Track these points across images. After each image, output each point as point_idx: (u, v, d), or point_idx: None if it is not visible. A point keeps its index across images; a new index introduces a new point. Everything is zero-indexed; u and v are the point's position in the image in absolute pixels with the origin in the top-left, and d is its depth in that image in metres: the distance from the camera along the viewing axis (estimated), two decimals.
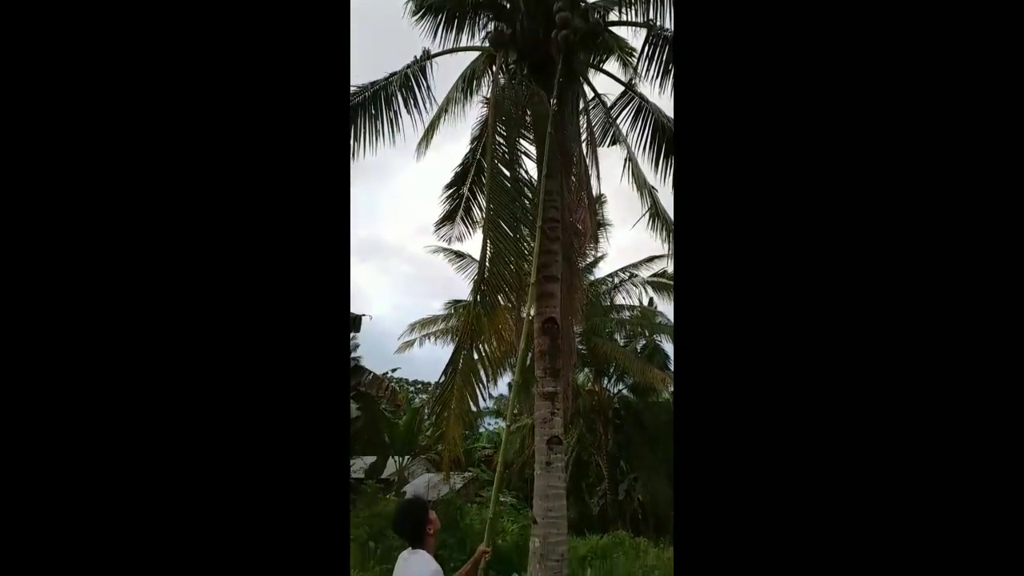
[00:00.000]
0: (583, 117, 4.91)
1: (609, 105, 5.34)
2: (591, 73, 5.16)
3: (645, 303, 12.41)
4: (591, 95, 5.26)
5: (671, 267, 10.34)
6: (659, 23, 4.55)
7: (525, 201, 4.00)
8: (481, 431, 14.83)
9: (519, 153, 4.09)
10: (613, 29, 4.90)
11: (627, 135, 5.28)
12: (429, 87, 4.73)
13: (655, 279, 11.71)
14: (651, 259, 11.36)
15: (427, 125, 5.25)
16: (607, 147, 5.45)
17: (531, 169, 4.14)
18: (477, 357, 3.96)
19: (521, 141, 4.14)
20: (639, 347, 12.77)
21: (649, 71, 4.66)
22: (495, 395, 12.78)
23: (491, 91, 4.58)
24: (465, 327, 4.07)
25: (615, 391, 12.78)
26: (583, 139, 4.85)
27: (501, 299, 3.90)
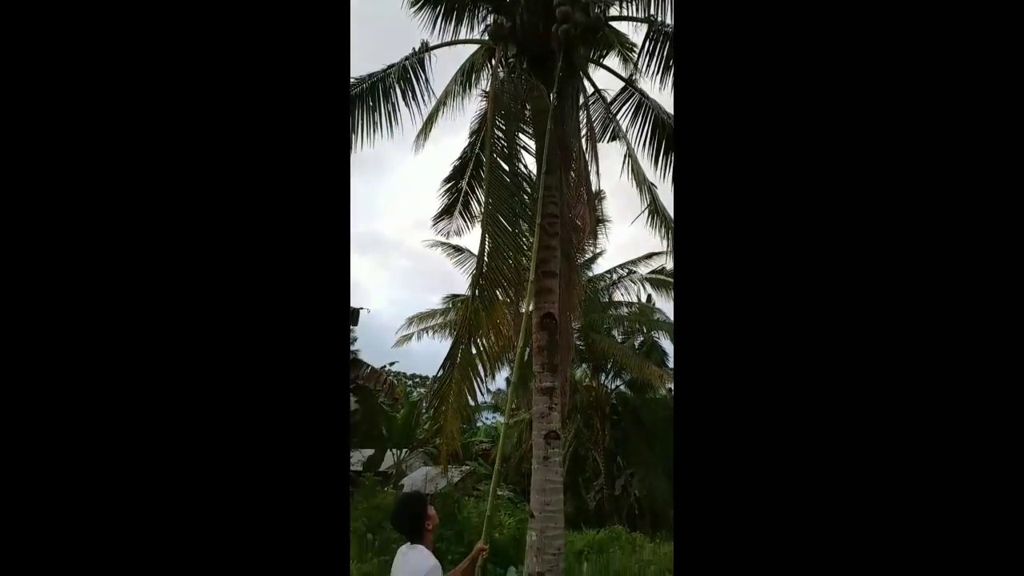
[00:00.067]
0: (583, 112, 4.89)
1: (609, 100, 5.32)
2: (591, 68, 5.14)
3: (643, 300, 12.42)
4: (591, 90, 5.24)
5: (670, 264, 10.35)
6: (660, 19, 4.53)
7: (524, 196, 3.99)
8: (479, 425, 14.88)
9: (518, 147, 4.08)
10: (614, 24, 4.88)
11: (627, 131, 5.27)
12: (428, 80, 4.71)
13: (654, 276, 11.71)
14: (650, 256, 11.37)
15: (425, 118, 5.23)
16: (607, 143, 5.44)
17: (530, 164, 4.13)
18: (475, 352, 3.96)
19: (520, 135, 4.12)
20: (637, 343, 12.79)
21: (650, 67, 4.64)
22: (493, 389, 12.82)
23: (490, 85, 4.55)
24: (463, 321, 4.07)
25: (612, 387, 12.82)
26: (583, 134, 4.83)
27: (499, 294, 3.90)
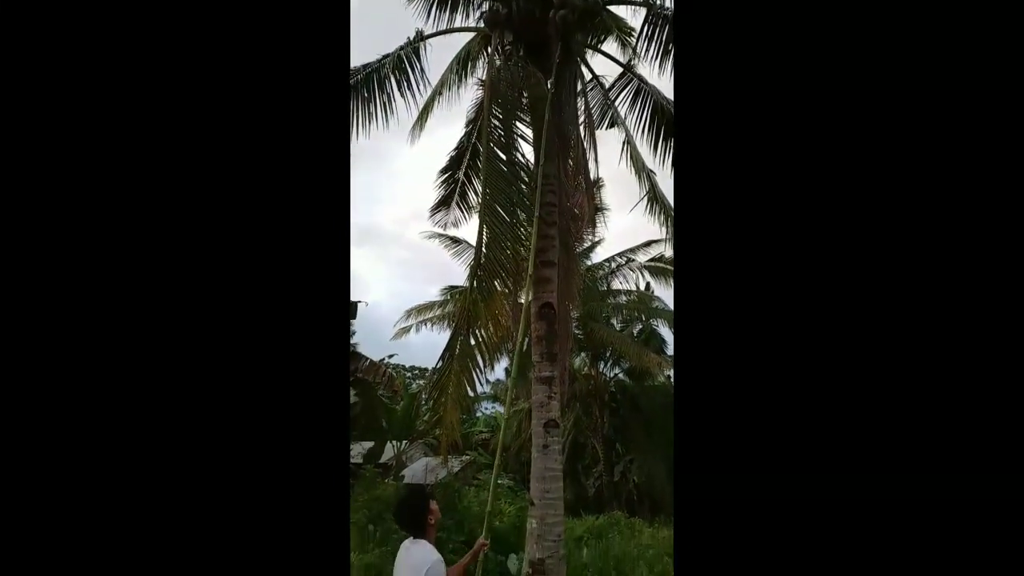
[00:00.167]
0: (581, 99, 4.84)
1: (607, 87, 5.26)
2: (589, 54, 5.07)
3: (642, 288, 12.43)
4: (589, 76, 5.18)
5: (669, 251, 10.34)
6: (659, 2, 4.46)
7: (522, 185, 3.96)
8: (478, 415, 14.96)
9: (515, 136, 4.03)
10: (611, 8, 4.81)
11: (625, 117, 5.22)
12: (423, 69, 4.65)
13: (652, 264, 11.71)
14: (648, 243, 11.35)
15: (421, 108, 5.17)
16: (605, 130, 5.39)
17: (528, 153, 4.09)
18: (474, 342, 3.96)
19: (517, 124, 4.08)
20: (636, 331, 12.84)
21: (648, 52, 4.58)
22: (492, 380, 12.88)
23: (486, 73, 4.49)
24: (462, 313, 4.06)
25: (611, 375, 12.88)
26: (581, 122, 4.79)
27: (498, 284, 3.89)
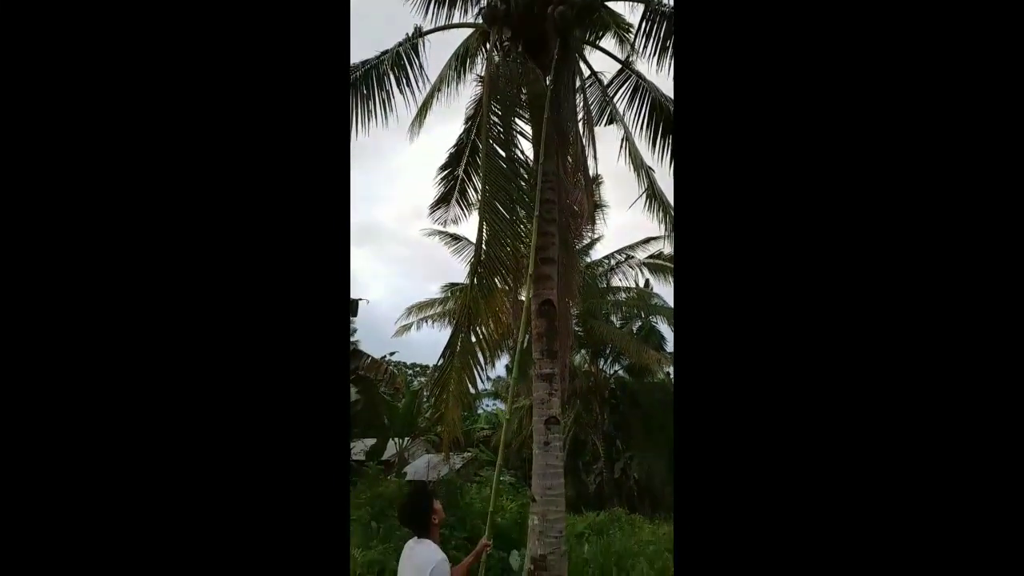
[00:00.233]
0: (579, 96, 4.83)
1: (606, 83, 5.26)
2: (587, 50, 5.06)
3: (641, 284, 12.45)
4: (587, 73, 5.17)
5: (668, 248, 10.34)
6: None
7: (521, 182, 3.96)
8: (479, 412, 14.98)
9: (514, 133, 4.03)
10: (609, 4, 4.80)
11: (624, 114, 5.21)
12: (422, 66, 4.63)
13: (651, 260, 11.71)
14: (647, 240, 11.35)
15: (420, 105, 5.16)
16: (604, 126, 5.39)
17: (527, 149, 4.09)
18: (475, 339, 3.97)
19: (516, 121, 4.07)
20: (635, 328, 12.85)
21: (646, 48, 4.57)
22: (493, 377, 12.89)
23: (485, 69, 4.49)
24: (462, 310, 4.07)
25: (611, 372, 12.90)
26: (579, 118, 4.78)
27: (498, 281, 3.89)
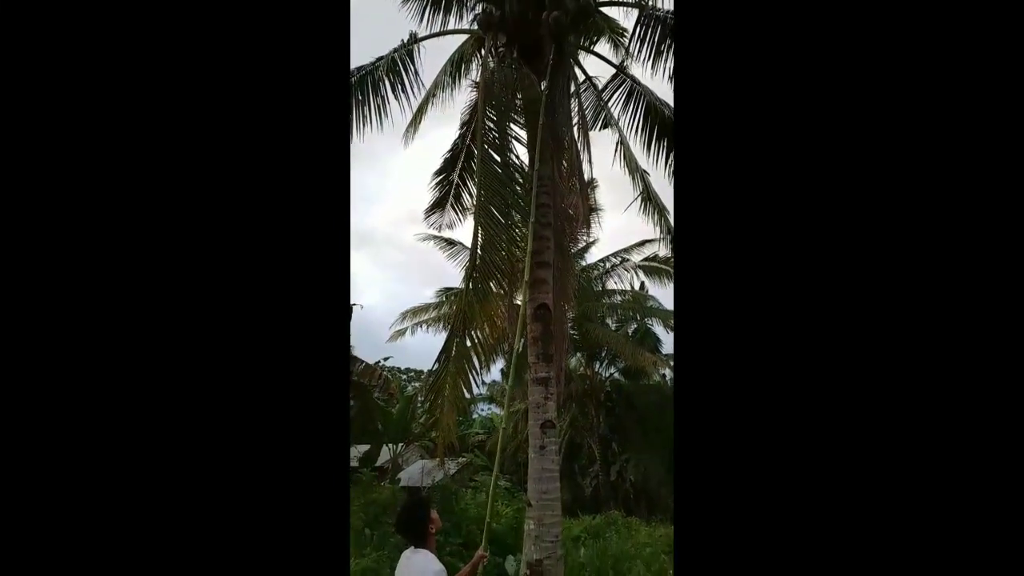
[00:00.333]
0: (574, 100, 4.85)
1: (600, 88, 5.28)
2: (582, 55, 5.09)
3: (636, 287, 12.48)
4: (582, 78, 5.20)
5: (663, 251, 10.38)
6: (650, 3, 4.48)
7: (516, 187, 3.97)
8: (474, 417, 14.94)
9: (510, 138, 4.04)
10: (603, 10, 4.83)
11: (619, 118, 5.24)
12: (417, 72, 4.64)
13: (646, 263, 11.76)
14: (643, 243, 11.40)
15: (415, 110, 5.17)
16: (599, 130, 5.41)
17: (522, 154, 4.10)
18: (470, 344, 3.96)
19: (511, 126, 4.08)
20: (630, 331, 12.87)
21: (641, 52, 4.60)
22: (488, 381, 12.86)
23: (480, 75, 4.50)
24: (458, 314, 4.06)
25: (607, 375, 12.91)
26: (574, 123, 4.80)
27: (493, 286, 3.89)
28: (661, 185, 5.46)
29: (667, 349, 12.54)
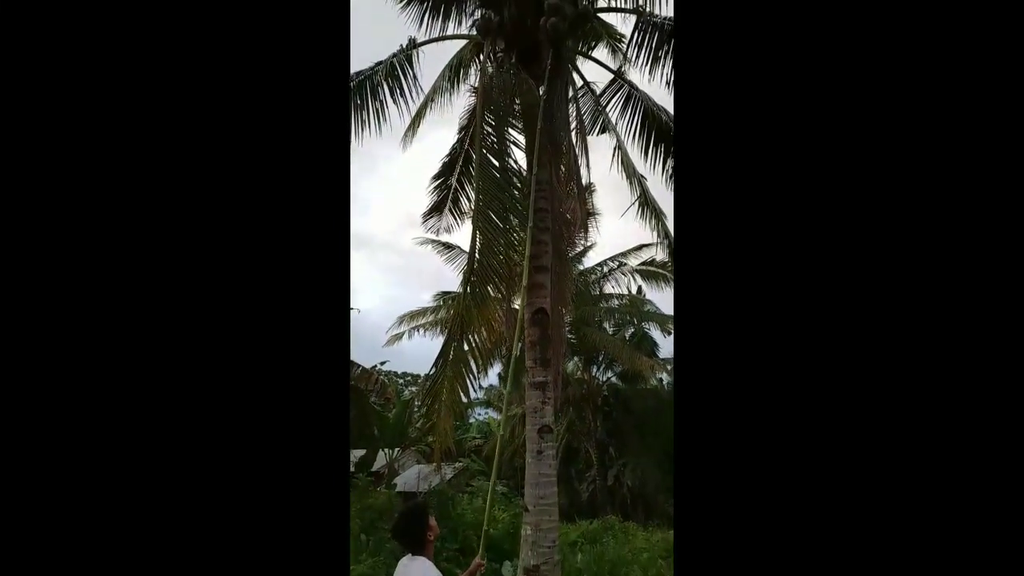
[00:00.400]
0: (572, 105, 4.87)
1: (598, 93, 5.31)
2: (580, 61, 5.12)
3: (634, 291, 12.50)
4: (580, 83, 5.22)
5: (660, 255, 10.41)
6: (648, 9, 4.52)
7: (514, 191, 3.97)
8: (471, 421, 14.90)
9: (508, 143, 4.05)
10: (601, 15, 4.86)
11: (616, 123, 5.27)
12: (415, 76, 4.65)
13: (644, 267, 11.78)
14: (640, 247, 11.42)
15: (414, 115, 5.18)
16: (596, 135, 5.44)
17: (520, 158, 4.11)
18: (467, 348, 3.95)
19: (510, 130, 4.09)
20: (628, 335, 12.89)
21: (638, 58, 4.63)
22: (485, 385, 12.84)
23: (479, 80, 4.51)
24: (455, 318, 4.05)
25: (604, 379, 12.91)
26: (572, 128, 4.82)
27: (491, 290, 3.89)
28: (658, 190, 5.49)
29: (664, 353, 12.57)
